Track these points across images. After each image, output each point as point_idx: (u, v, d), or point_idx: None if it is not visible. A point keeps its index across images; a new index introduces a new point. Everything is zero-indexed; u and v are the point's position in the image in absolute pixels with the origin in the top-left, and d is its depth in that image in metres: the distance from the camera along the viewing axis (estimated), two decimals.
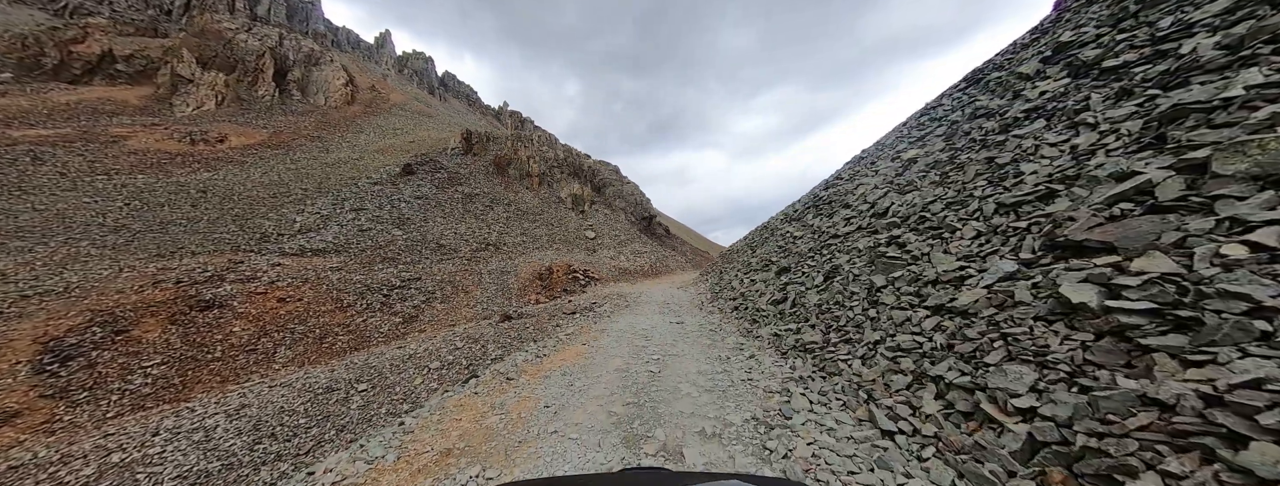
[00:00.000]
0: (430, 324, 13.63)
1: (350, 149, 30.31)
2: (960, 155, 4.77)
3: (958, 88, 10.23)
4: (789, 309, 5.57)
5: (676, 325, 8.25)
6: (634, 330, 7.96)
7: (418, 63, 60.62)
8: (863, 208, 6.10)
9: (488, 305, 15.65)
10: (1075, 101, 3.74)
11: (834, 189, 10.72)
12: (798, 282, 5.93)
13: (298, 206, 19.25)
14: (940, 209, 4.34)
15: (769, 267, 8.87)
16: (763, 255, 10.91)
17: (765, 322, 6.09)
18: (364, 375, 9.95)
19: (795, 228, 10.17)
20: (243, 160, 23.95)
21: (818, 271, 5.56)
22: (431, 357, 10.79)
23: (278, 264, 14.09)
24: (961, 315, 3.04)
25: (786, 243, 9.63)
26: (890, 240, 4.62)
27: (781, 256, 8.73)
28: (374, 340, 12.18)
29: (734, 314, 7.86)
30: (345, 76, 40.17)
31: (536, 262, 20.22)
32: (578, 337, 7.94)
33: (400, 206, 21.90)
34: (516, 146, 35.48)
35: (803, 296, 5.51)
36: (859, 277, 4.63)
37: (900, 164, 6.44)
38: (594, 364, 5.67)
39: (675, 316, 9.65)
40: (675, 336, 7.09)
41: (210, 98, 30.08)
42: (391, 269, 16.00)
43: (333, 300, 13.11)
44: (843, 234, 5.83)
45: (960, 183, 4.32)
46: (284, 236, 16.23)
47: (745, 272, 10.73)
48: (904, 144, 9.02)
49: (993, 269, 3.07)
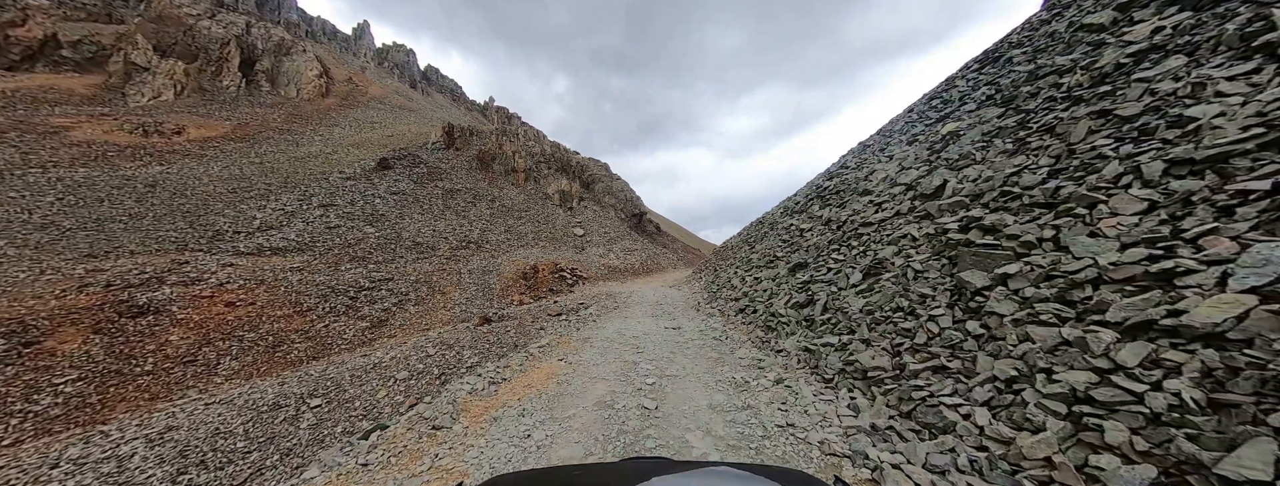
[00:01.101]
0: (401, 329, 12.46)
1: (322, 143, 28.64)
2: (1038, 117, 3.85)
3: (969, 69, 9.52)
4: (820, 315, 4.59)
5: (673, 331, 7.27)
6: (623, 338, 6.87)
7: (398, 55, 58.41)
8: (894, 191, 5.20)
9: (467, 307, 14.51)
10: (1219, 30, 2.87)
11: (839, 178, 9.91)
12: (824, 281, 4.98)
13: (259, 202, 17.77)
14: (1039, 179, 3.31)
15: (775, 264, 8.02)
16: (765, 251, 10.06)
17: (787, 331, 5.06)
18: (319, 388, 8.79)
19: (800, 220, 9.33)
20: (201, 153, 22.24)
21: (851, 267, 4.60)
22: (399, 366, 9.67)
23: (230, 264, 12.73)
24: (1212, 341, 1.83)
25: (792, 236, 8.78)
26: (967, 223, 3.61)
27: (789, 251, 7.87)
28: (336, 348, 10.98)
29: (740, 318, 6.93)
30: (319, 68, 38.23)
31: (521, 261, 19.10)
32: (553, 351, 6.67)
33: (374, 202, 20.52)
34: (501, 141, 34.15)
35: (838, 299, 4.51)
36: (925, 275, 3.64)
37: (932, 141, 5.60)
38: (568, 392, 4.38)
39: (670, 319, 8.69)
40: (673, 347, 6.03)
41: (168, 87, 28.08)
42: (360, 269, 14.73)
43: (290, 303, 11.84)
44: (876, 221, 4.90)
45: (1059, 146, 3.33)
46: (240, 234, 14.82)
47: (746, 270, 9.86)
48: (920, 126, 8.24)
49: (1251, 259, 1.88)
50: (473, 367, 9.60)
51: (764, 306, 6.16)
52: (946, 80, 10.74)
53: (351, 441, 5.60)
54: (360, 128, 34.24)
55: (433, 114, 45.03)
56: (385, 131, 34.14)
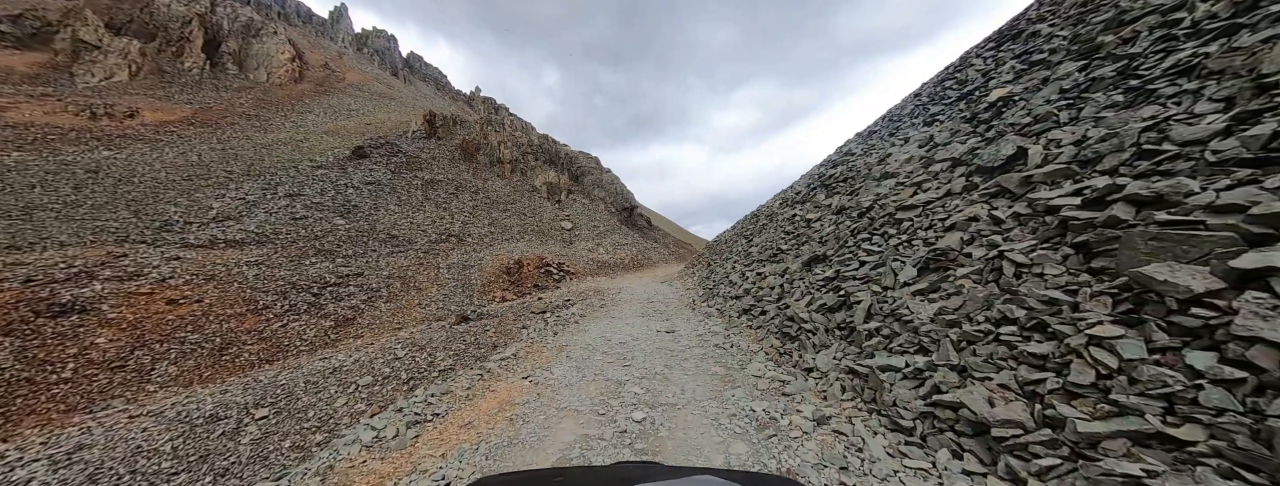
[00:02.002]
0: (370, 328, 11.43)
1: (293, 129, 26.98)
2: (1149, 61, 2.98)
3: (985, 49, 8.87)
4: (864, 323, 3.61)
5: (666, 335, 6.40)
6: (608, 346, 5.90)
7: (379, 41, 55.99)
8: (934, 168, 4.35)
9: (444, 304, 13.51)
10: None
11: (845, 166, 9.19)
12: (857, 278, 4.06)
13: (217, 191, 16.38)
14: (1216, 129, 2.31)
15: (780, 258, 7.25)
16: (765, 243, 9.30)
17: (815, 342, 4.08)
18: (268, 396, 7.79)
19: (805, 210, 8.58)
20: (156, 138, 20.57)
21: (898, 260, 3.72)
22: (362, 371, 8.71)
23: (176, 257, 11.50)
24: None
25: (796, 227, 8.03)
26: (1102, 195, 2.52)
27: (796, 243, 7.12)
28: (294, 350, 9.93)
29: (746, 320, 6.12)
30: (291, 51, 36.16)
31: (505, 255, 18.09)
32: (517, 366, 5.47)
33: (346, 192, 19.23)
34: (487, 131, 32.82)
35: (888, 302, 3.51)
36: (1036, 270, 2.60)
37: (974, 112, 4.79)
38: (521, 439, 3.14)
39: (663, 320, 7.84)
40: (668, 358, 5.06)
41: (122, 68, 26.04)
42: (327, 263, 13.58)
43: (244, 301, 10.71)
44: (920, 204, 4.05)
45: (1232, 84, 2.38)
46: (192, 225, 13.52)
47: (745, 264, 9.10)
48: (939, 106, 7.54)
49: None
50: (446, 371, 8.71)
51: (775, 307, 5.33)
52: (954, 66, 10.09)
53: None
54: (336, 115, 32.51)
55: (415, 103, 43.22)
56: (362, 119, 32.48)
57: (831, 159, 10.88)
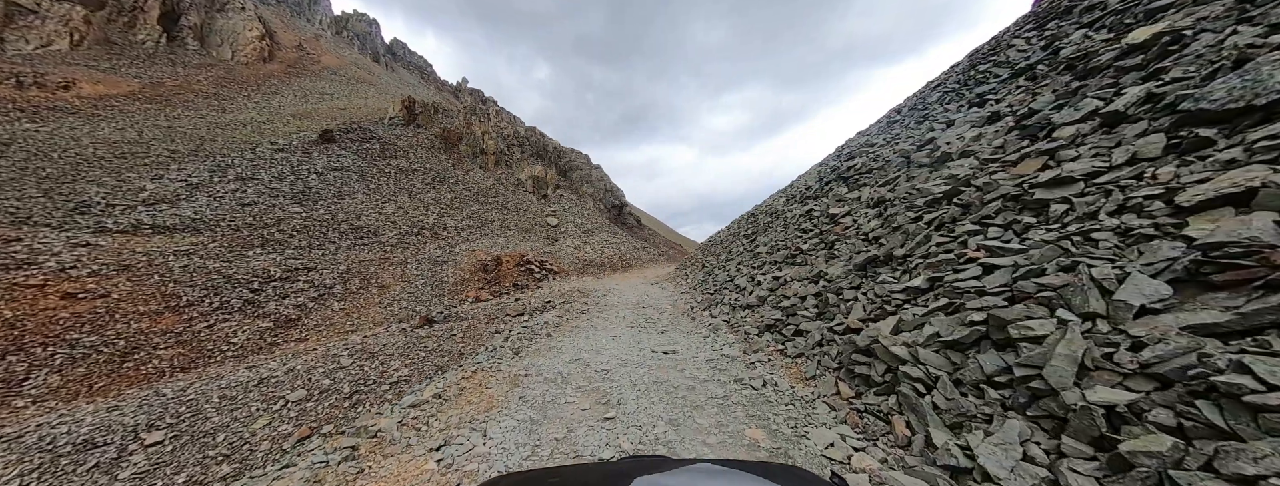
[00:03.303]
0: (317, 330, 9.92)
1: (256, 110, 24.90)
2: None
3: (1023, 30, 8.00)
4: (1081, 392, 1.90)
5: (665, 357, 5.07)
6: (585, 376, 4.54)
7: (360, 25, 53.38)
8: (1070, 131, 3.00)
9: (409, 303, 12.05)
10: None
11: (868, 156, 8.18)
12: (975, 291, 2.62)
13: (155, 171, 14.51)
14: None
15: (803, 260, 6.13)
16: (776, 243, 8.19)
17: (951, 409, 2.40)
18: (168, 415, 6.31)
19: (825, 205, 7.50)
20: (93, 112, 18.42)
21: (1108, 266, 2.19)
22: (296, 383, 7.28)
23: (85, 244, 9.78)
24: None
25: (817, 225, 6.94)
26: None
27: (822, 243, 6.03)
28: (217, 356, 8.38)
29: (771, 339, 4.80)
30: (260, 29, 33.78)
31: (482, 251, 16.65)
32: (439, 415, 3.75)
33: (308, 178, 17.48)
34: (470, 120, 31.14)
35: (1117, 341, 1.90)
36: None
37: (1060, 75, 3.72)
38: None
39: (658, 332, 6.50)
40: (672, 403, 3.50)
41: (62, 35, 23.58)
42: (274, 254, 11.96)
43: (163, 296, 9.10)
44: (1082, 176, 2.70)
45: None
46: (116, 208, 11.73)
47: (754, 267, 7.97)
48: (985, 86, 6.58)
49: None
50: (400, 383, 7.34)
51: (820, 327, 3.98)
52: (984, 52, 9.21)
53: None
54: (306, 98, 30.38)
55: (396, 90, 41.07)
56: (336, 103, 30.44)
57: (847, 152, 9.86)
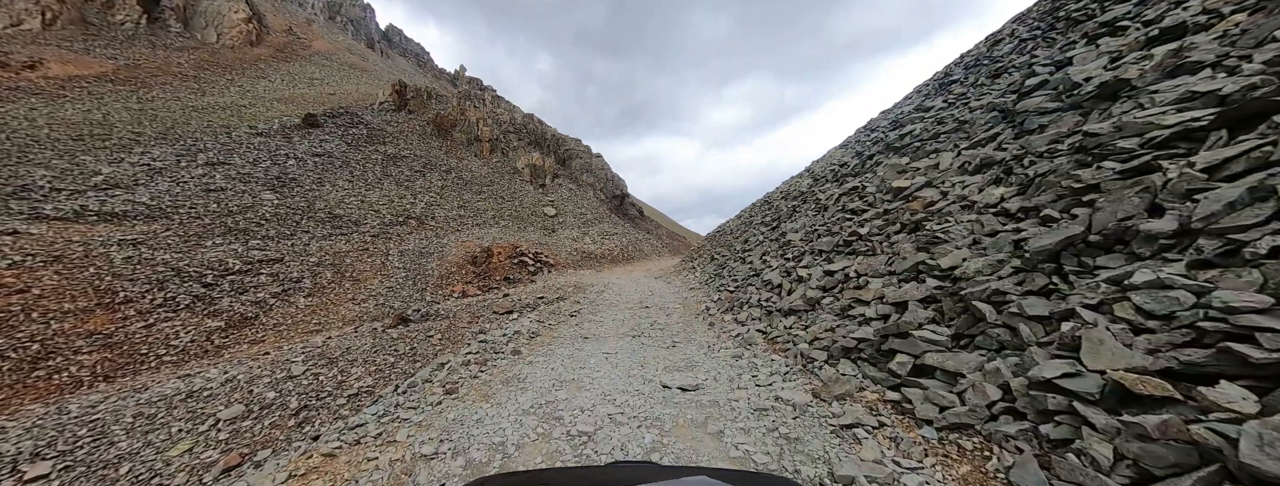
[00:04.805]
0: (276, 331, 8.76)
1: (239, 94, 23.62)
2: None
3: None
4: None
5: (683, 398, 3.36)
6: (544, 449, 2.73)
7: (354, 10, 51.69)
8: None
9: (387, 299, 10.88)
10: None
11: (930, 119, 6.78)
12: None
13: (115, 154, 13.33)
14: None
15: (869, 248, 4.78)
16: (815, 228, 6.82)
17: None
18: (63, 438, 5.16)
19: (882, 177, 6.12)
20: (58, 93, 17.23)
21: None
22: (233, 396, 6.13)
23: (11, 232, 8.62)
24: None
25: (872, 202, 5.60)
26: None
27: (903, 228, 4.70)
28: (153, 362, 7.23)
29: (851, 371, 3.07)
30: (247, 11, 32.33)
31: (472, 242, 15.43)
32: None
33: (285, 164, 16.26)
34: (465, 106, 29.72)
35: None
36: None
37: None
38: None
39: (666, 346, 5.15)
40: None
41: (33, 14, 22.32)
42: (236, 245, 10.78)
43: (96, 292, 7.95)
44: None
45: None
46: (61, 193, 10.57)
47: (788, 258, 6.62)
48: (1109, 13, 5.18)
49: None
50: (360, 395, 6.17)
51: (990, 365, 2.21)
52: None
53: None
54: (294, 83, 29.05)
55: (390, 77, 39.60)
56: (325, 89, 29.10)
57: (894, 118, 8.36)
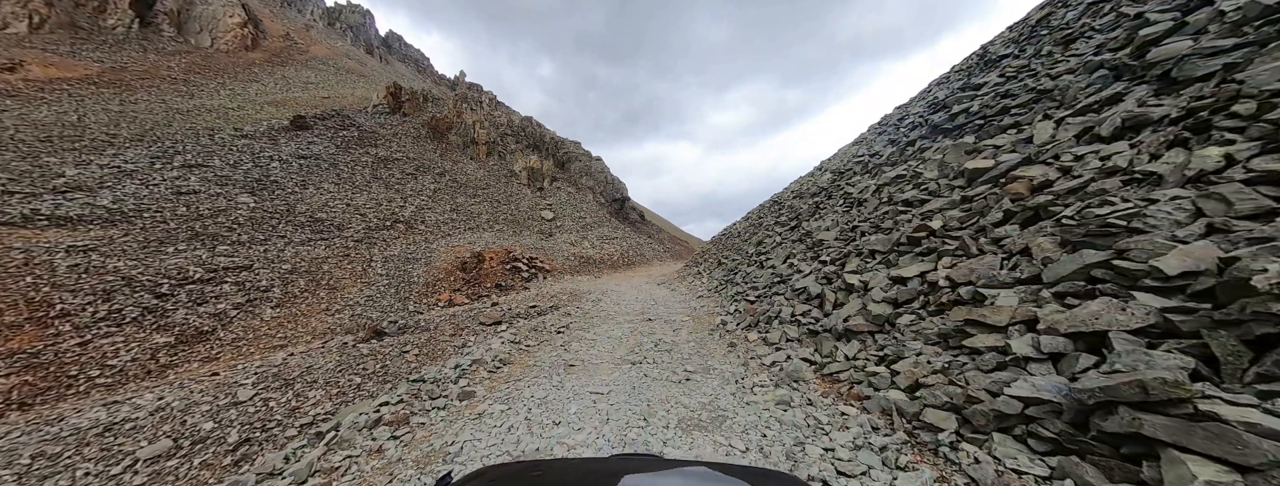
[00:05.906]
0: (235, 346, 7.84)
1: (229, 97, 23.01)
2: None
3: None
4: None
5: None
6: None
7: (353, 17, 51.57)
8: None
9: (364, 309, 9.96)
10: None
11: (992, 93, 5.87)
12: None
13: (83, 156, 12.57)
14: None
15: (934, 248, 3.80)
16: (854, 226, 5.88)
17: None
18: None
19: (944, 162, 5.19)
20: (36, 96, 16.58)
21: None
22: (161, 428, 5.23)
23: None
24: None
25: (935, 190, 4.66)
26: None
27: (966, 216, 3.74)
28: (83, 385, 6.31)
29: (1013, 441, 2.01)
30: (242, 16, 31.97)
31: (463, 247, 14.55)
32: None
33: (268, 166, 15.48)
34: (461, 108, 29.09)
35: None
36: None
37: None
38: None
39: (677, 379, 4.10)
40: None
41: (20, 17, 21.86)
42: (200, 251, 9.91)
43: (29, 304, 7.06)
44: None
45: None
46: (13, 196, 9.77)
47: (823, 261, 5.66)
48: None
49: None
50: (313, 423, 5.24)
51: None
52: None
53: None
54: (288, 86, 28.49)
55: (388, 81, 39.17)
56: (320, 93, 28.52)
57: (936, 100, 7.33)
